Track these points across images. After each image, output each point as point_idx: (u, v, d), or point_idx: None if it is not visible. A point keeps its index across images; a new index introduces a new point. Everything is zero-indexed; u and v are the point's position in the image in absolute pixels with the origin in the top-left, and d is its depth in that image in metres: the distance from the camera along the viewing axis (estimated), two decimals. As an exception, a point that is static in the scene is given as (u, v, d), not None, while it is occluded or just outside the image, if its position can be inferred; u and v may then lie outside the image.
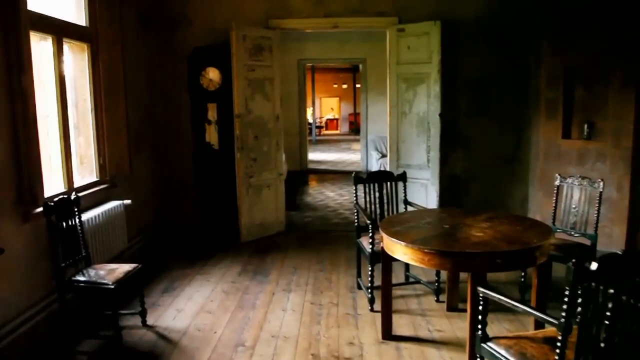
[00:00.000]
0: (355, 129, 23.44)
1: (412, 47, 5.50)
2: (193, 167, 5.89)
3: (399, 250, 2.99)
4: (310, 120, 20.42)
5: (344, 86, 24.66)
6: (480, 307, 2.33)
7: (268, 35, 5.67)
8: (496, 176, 6.03)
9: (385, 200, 4.20)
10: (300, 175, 10.64)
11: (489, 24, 5.75)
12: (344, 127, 25.35)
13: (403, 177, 4.28)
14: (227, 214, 5.71)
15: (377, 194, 4.17)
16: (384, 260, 3.27)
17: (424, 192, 5.64)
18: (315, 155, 14.82)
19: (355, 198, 4.18)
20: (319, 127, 23.73)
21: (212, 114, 5.72)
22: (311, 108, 19.74)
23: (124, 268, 3.48)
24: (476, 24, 5.74)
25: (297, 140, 10.96)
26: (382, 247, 3.25)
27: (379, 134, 10.89)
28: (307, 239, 5.88)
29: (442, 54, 5.36)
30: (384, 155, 10.58)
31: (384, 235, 3.14)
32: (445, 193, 5.71)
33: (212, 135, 5.76)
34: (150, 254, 5.28)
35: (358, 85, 22.88)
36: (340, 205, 7.79)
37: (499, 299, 2.27)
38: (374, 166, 10.49)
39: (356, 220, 4.18)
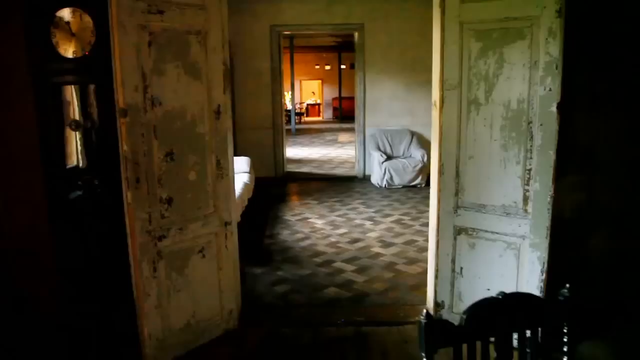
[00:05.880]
0: (340, 115, 20.63)
1: (497, -38, 2.62)
2: (49, 216, 2.93)
3: None
4: (289, 107, 17.53)
5: (327, 67, 21.84)
6: None
7: (193, -60, 2.70)
8: (637, 218, 3.25)
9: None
10: (275, 186, 7.71)
11: None
12: (327, 114, 22.59)
13: (574, 317, 1.41)
14: (124, 305, 2.80)
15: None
16: None
17: (511, 261, 2.82)
18: (295, 151, 11.88)
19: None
20: (299, 114, 20.78)
21: (80, 107, 2.77)
22: (290, 92, 16.79)
23: None
24: None
25: (270, 136, 8.06)
26: None
27: (381, 126, 8.10)
28: (282, 353, 3.00)
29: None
30: (389, 157, 7.75)
31: None
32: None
33: (84, 150, 2.82)
34: None
35: (343, 66, 20.01)
36: (335, 246, 4.91)
37: None
38: (375, 170, 7.67)
39: None
